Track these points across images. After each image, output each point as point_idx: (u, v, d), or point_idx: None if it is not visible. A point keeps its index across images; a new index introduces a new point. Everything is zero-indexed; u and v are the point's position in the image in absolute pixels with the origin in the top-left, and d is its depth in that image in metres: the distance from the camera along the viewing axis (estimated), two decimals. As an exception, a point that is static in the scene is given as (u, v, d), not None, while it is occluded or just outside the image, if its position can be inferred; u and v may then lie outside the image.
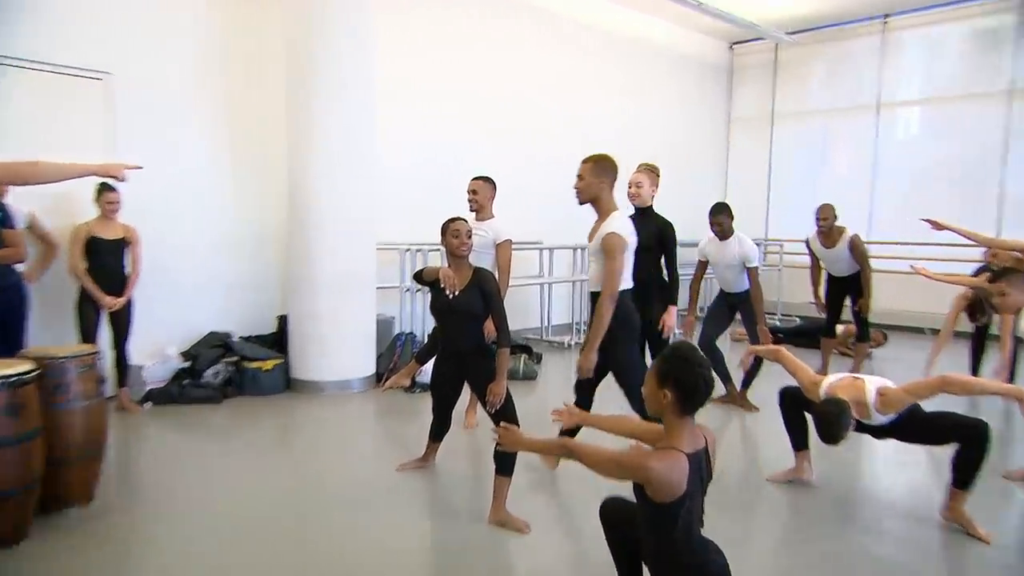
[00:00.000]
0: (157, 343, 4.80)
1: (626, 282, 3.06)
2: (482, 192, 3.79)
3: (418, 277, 3.00)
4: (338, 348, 4.84)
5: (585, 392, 3.19)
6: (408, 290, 5.59)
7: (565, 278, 6.99)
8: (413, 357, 3.19)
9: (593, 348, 2.97)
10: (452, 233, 2.90)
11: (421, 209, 5.81)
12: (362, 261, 4.91)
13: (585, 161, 3.10)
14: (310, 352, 4.85)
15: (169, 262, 4.89)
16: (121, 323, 4.29)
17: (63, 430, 2.80)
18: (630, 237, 3.03)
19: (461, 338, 2.91)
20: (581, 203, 3.11)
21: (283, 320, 5.21)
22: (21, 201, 3.87)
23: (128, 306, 4.29)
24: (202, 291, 5.09)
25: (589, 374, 3.02)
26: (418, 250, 5.54)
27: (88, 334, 4.14)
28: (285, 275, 5.16)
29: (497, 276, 3.70)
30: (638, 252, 3.56)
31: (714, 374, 1.89)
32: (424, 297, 5.62)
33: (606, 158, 3.10)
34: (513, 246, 3.85)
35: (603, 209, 3.09)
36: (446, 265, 2.98)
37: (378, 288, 5.16)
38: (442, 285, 2.88)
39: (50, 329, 4.27)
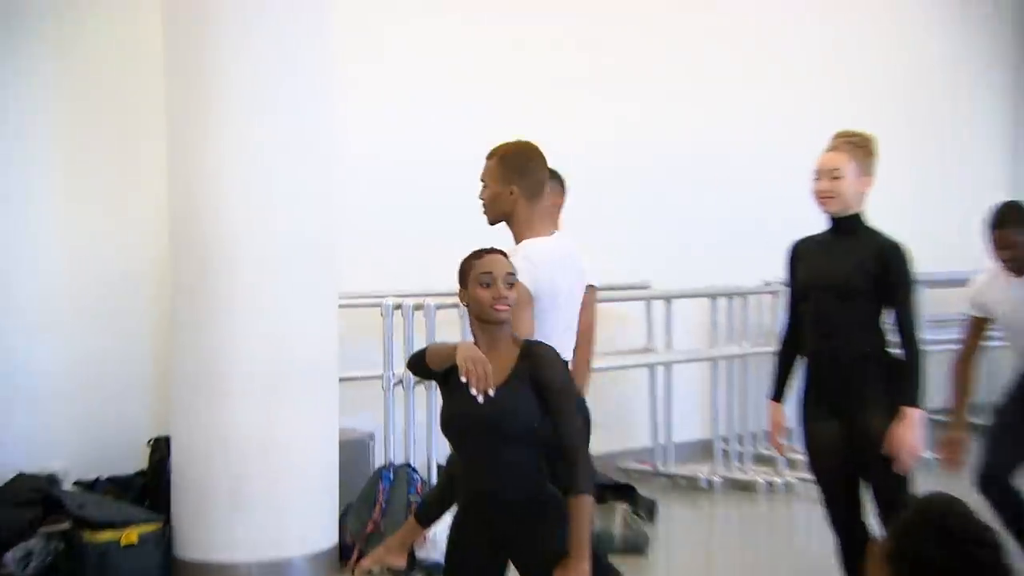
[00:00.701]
0: None
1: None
2: None
3: (417, 363, 3.07)
4: (269, 497, 4.74)
5: None
6: (399, 384, 5.57)
7: (697, 353, 7.06)
8: (411, 513, 3.30)
9: None
10: (479, 278, 2.93)
11: (421, 236, 5.94)
12: (314, 332, 4.89)
13: (489, 157, 3.41)
14: (212, 507, 4.76)
15: None
16: None
17: None
18: (537, 280, 3.25)
19: (499, 477, 2.92)
20: (490, 222, 3.43)
21: (160, 448, 5.19)
22: None
23: None
24: (4, 395, 5.10)
25: None
26: (416, 307, 5.54)
27: None
28: (166, 364, 5.15)
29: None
30: (831, 300, 3.67)
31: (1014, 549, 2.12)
32: (429, 396, 5.53)
33: (521, 149, 3.41)
34: (599, 295, 3.97)
35: (517, 232, 3.38)
36: (469, 339, 3.05)
37: (344, 380, 5.11)
38: (462, 377, 2.85)
39: None
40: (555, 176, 3.95)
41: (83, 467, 5.15)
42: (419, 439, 5.53)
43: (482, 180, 3.41)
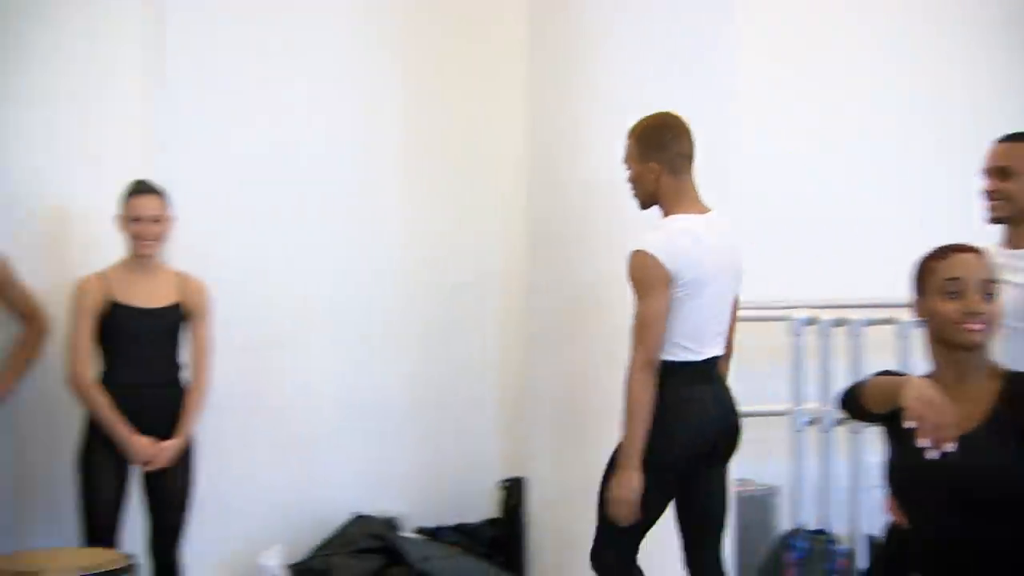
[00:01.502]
0: (241, 541, 5.08)
1: (681, 346, 3.68)
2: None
3: (852, 401, 3.12)
4: (645, 559, 4.51)
5: None
6: (813, 423, 5.56)
7: None
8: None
9: (628, 463, 3.62)
10: (944, 285, 2.87)
11: (844, 231, 6.09)
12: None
13: (627, 136, 3.88)
14: (579, 567, 4.60)
15: (268, 362, 5.32)
16: (169, 498, 4.52)
17: None
18: (678, 260, 3.62)
19: (971, 564, 2.81)
20: (640, 206, 3.91)
21: (514, 493, 5.41)
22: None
23: (185, 461, 4.54)
24: (338, 425, 5.47)
25: (628, 516, 3.65)
26: (837, 323, 5.58)
27: (103, 522, 4.38)
28: (521, 390, 5.30)
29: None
30: None
31: None
32: (854, 440, 5.50)
33: (657, 122, 3.85)
34: None
35: (665, 211, 3.82)
36: (927, 371, 2.99)
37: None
38: (910, 424, 2.74)
39: (26, 506, 4.67)
40: None
41: (425, 511, 5.46)
42: (840, 498, 5.41)
43: (624, 162, 3.86)
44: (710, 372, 3.76)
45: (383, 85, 5.66)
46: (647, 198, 3.82)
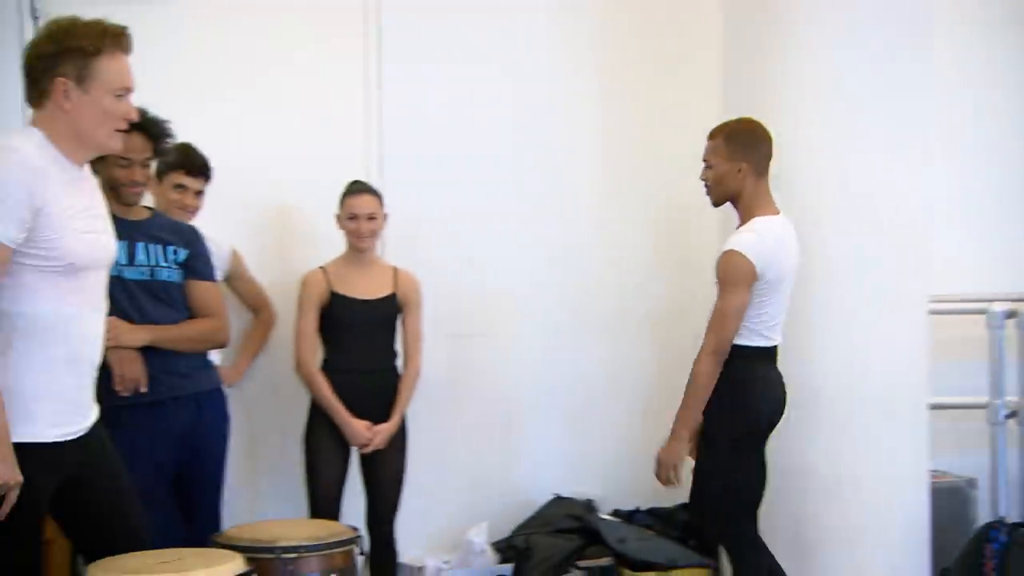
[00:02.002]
0: (450, 518, 5.28)
1: (758, 334, 3.96)
2: None
3: None
4: (836, 550, 4.73)
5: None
6: (1013, 416, 5.43)
7: None
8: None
9: (679, 433, 3.98)
10: None
11: None
12: (897, 344, 4.82)
13: (712, 136, 4.03)
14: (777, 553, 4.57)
15: (475, 351, 5.54)
16: (385, 478, 4.71)
17: None
18: (765, 260, 3.85)
19: None
20: (714, 204, 4.10)
21: None
22: (214, 221, 4.53)
23: (399, 443, 4.73)
24: (540, 411, 5.67)
25: (672, 479, 4.00)
26: None
27: (325, 499, 4.61)
28: None
29: None
30: None
31: None
32: None
33: (748, 126, 4.02)
34: None
35: (743, 213, 4.00)
36: None
37: (935, 408, 5.00)
38: None
39: (259, 481, 5.05)
40: None
41: (621, 494, 5.54)
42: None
43: (705, 160, 4.00)
44: (775, 357, 4.05)
45: (580, 84, 5.75)
46: (724, 197, 4.02)
